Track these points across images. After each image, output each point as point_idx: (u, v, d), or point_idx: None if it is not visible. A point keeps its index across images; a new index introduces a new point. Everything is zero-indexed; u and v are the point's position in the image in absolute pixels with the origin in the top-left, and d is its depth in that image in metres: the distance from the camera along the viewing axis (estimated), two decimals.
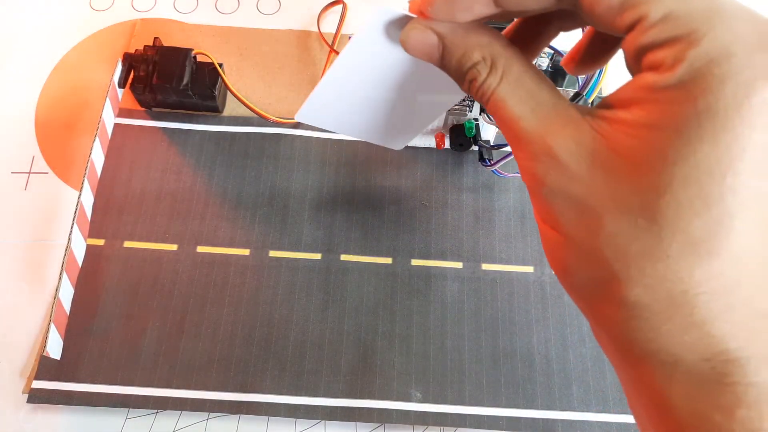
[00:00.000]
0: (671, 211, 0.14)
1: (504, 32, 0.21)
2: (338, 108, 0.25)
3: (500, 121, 0.18)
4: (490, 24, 0.19)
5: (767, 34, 0.14)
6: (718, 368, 0.14)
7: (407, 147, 0.40)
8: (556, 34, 0.21)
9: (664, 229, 0.14)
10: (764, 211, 0.14)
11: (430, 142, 0.40)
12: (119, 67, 0.38)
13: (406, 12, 0.19)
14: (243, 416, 0.33)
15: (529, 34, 0.21)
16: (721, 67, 0.14)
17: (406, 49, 0.19)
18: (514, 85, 0.17)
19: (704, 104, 0.14)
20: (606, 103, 0.16)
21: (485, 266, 0.37)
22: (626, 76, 0.16)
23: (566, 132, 0.16)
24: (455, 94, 0.24)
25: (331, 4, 0.45)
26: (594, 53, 0.20)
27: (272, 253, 0.37)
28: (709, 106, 0.14)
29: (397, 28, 0.19)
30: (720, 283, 0.14)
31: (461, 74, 0.18)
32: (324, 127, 0.26)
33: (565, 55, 0.22)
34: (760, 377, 0.14)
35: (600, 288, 0.16)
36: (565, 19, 0.20)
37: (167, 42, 0.41)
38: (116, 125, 0.40)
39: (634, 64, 0.16)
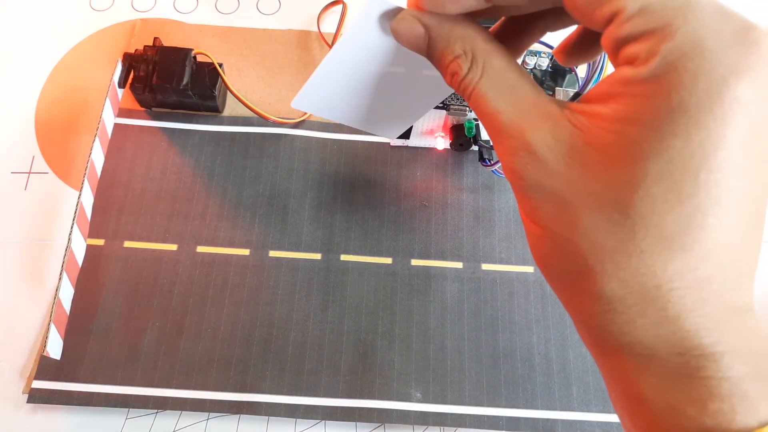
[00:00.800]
0: (644, 206, 0.14)
1: (490, 30, 0.21)
2: (334, 95, 0.25)
3: (481, 116, 0.18)
4: (481, 22, 0.19)
5: (740, 30, 0.14)
6: (692, 362, 0.14)
7: (407, 147, 0.40)
8: (542, 34, 0.21)
9: (638, 224, 0.14)
10: (736, 208, 0.14)
11: (430, 142, 0.40)
12: (119, 67, 0.38)
13: (399, 3, 0.20)
14: (243, 416, 0.33)
15: (514, 33, 0.21)
16: (694, 62, 0.14)
17: (396, 39, 0.20)
18: (494, 80, 0.18)
19: (677, 100, 0.14)
20: (585, 98, 0.17)
21: (485, 266, 0.37)
22: None
23: (545, 127, 0.16)
24: (447, 86, 0.24)
25: (331, 4, 0.45)
26: (584, 46, 0.21)
27: (272, 253, 0.37)
28: (683, 101, 0.14)
29: (390, 18, 0.20)
30: (693, 278, 0.14)
31: (444, 66, 0.19)
32: (319, 115, 0.27)
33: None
34: (733, 372, 0.14)
35: (577, 280, 0.16)
36: (550, 19, 0.20)
37: (167, 42, 0.41)
38: (116, 125, 0.40)
39: (614, 59, 0.16)
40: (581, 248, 0.15)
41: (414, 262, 0.37)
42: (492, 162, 0.36)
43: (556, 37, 0.22)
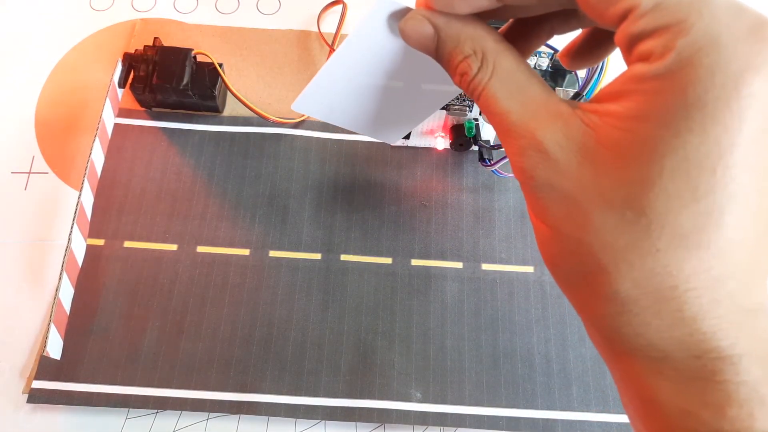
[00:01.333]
0: (660, 203, 0.14)
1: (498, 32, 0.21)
2: (336, 98, 0.25)
3: (490, 116, 0.18)
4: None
5: (754, 26, 0.14)
6: (708, 366, 0.14)
7: (407, 147, 0.40)
8: (548, 36, 0.21)
9: (653, 222, 0.14)
10: (750, 205, 0.14)
11: (430, 142, 0.40)
12: (119, 67, 0.38)
13: (407, 4, 0.19)
14: (243, 416, 0.33)
15: (522, 35, 0.21)
16: (710, 56, 0.14)
17: (404, 39, 0.19)
18: (504, 79, 0.17)
19: (693, 95, 0.14)
20: (597, 97, 0.16)
21: (485, 266, 0.37)
22: None
23: (556, 126, 0.16)
24: (452, 89, 0.24)
25: (331, 4, 0.45)
26: (589, 49, 0.21)
27: (272, 253, 0.37)
28: (699, 97, 0.14)
29: (398, 19, 0.20)
30: (709, 277, 0.14)
31: (453, 67, 0.19)
32: (320, 118, 0.26)
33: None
34: (751, 376, 0.14)
35: (589, 281, 0.16)
36: (557, 21, 0.20)
37: (167, 42, 0.41)
38: (116, 125, 0.40)
39: (627, 56, 0.16)
40: (593, 248, 0.15)
41: (414, 262, 0.37)
42: (492, 162, 0.36)
43: (557, 39, 0.22)
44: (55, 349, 0.32)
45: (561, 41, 0.22)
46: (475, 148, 0.39)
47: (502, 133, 0.18)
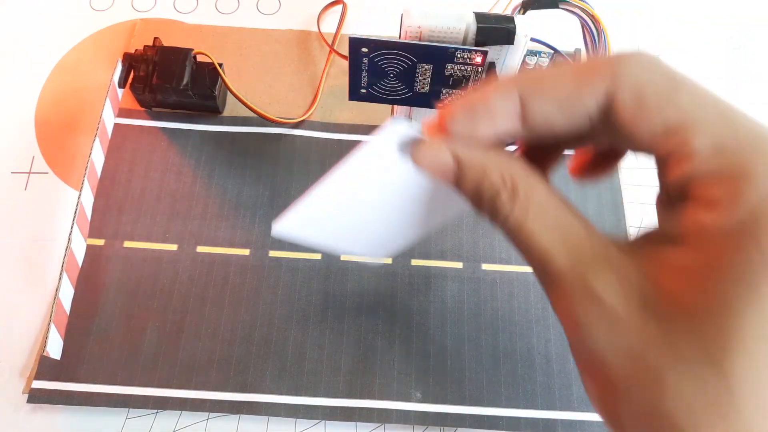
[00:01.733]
0: (741, 364, 0.13)
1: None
2: (326, 222, 0.22)
3: (527, 254, 0.16)
4: None
5: None
6: None
7: None
8: (561, 155, 0.19)
9: (735, 385, 0.13)
10: None
11: None
12: (119, 67, 0.38)
13: (419, 133, 0.18)
14: (243, 416, 0.33)
15: (537, 158, 0.19)
16: None
17: (419, 168, 0.18)
18: (540, 215, 0.16)
19: None
20: (651, 239, 0.15)
21: (485, 266, 0.37)
22: None
23: (608, 271, 0.15)
24: (462, 210, 0.22)
25: (331, 4, 0.45)
26: (603, 165, 0.20)
27: (272, 253, 0.37)
28: None
29: (407, 146, 0.18)
30: None
31: (479, 198, 0.17)
32: (305, 244, 0.23)
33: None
34: None
35: None
36: (574, 141, 0.18)
37: (167, 42, 0.41)
38: (116, 125, 0.40)
39: (675, 190, 0.15)
40: (669, 411, 0.14)
41: (414, 262, 0.37)
42: None
43: (556, 39, 0.22)
44: (55, 349, 0.32)
45: (561, 42, 0.22)
46: None
47: (545, 278, 0.16)
